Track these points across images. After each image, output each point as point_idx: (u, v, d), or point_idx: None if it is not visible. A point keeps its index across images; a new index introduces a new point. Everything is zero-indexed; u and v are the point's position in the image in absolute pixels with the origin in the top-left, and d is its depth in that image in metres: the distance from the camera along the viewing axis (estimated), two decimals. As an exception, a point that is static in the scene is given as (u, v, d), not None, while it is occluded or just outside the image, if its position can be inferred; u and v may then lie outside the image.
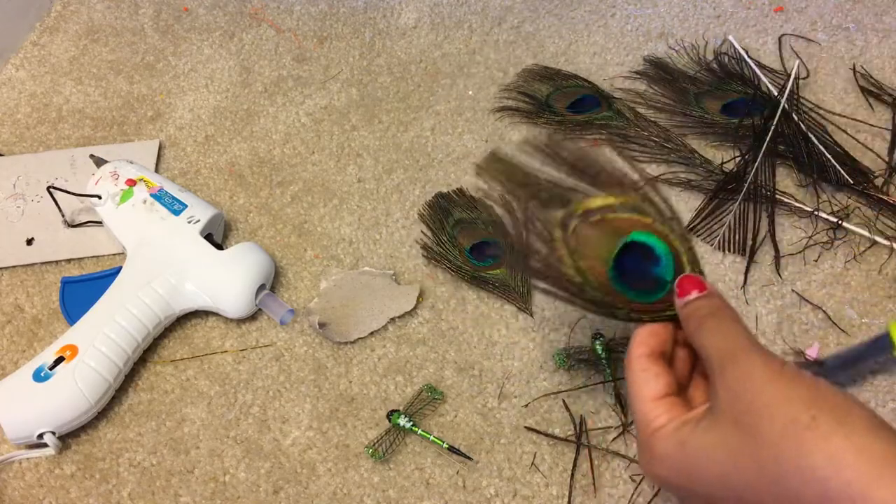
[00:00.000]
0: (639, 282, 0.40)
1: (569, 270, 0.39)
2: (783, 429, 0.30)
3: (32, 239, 0.65)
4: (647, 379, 0.37)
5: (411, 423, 0.51)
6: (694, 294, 0.38)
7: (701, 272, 0.40)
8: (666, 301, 0.39)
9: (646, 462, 0.36)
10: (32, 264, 0.64)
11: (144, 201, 0.61)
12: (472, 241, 0.60)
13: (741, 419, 0.32)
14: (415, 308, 0.58)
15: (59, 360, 0.53)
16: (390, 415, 0.52)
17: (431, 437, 0.50)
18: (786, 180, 0.61)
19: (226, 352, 0.58)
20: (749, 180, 0.59)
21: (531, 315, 0.57)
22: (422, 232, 0.62)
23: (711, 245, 0.58)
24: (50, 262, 0.63)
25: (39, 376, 0.52)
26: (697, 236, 0.59)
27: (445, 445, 0.50)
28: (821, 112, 0.64)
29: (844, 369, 0.50)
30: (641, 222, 0.40)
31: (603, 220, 0.40)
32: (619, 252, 0.40)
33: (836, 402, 0.30)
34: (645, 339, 0.39)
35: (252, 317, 0.59)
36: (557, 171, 0.42)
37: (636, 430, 0.37)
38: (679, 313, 0.38)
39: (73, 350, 0.53)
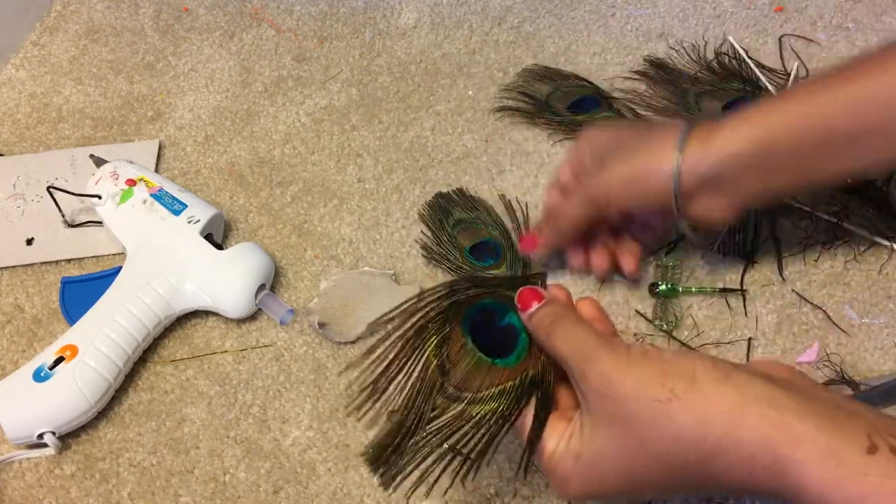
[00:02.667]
0: (497, 340, 0.41)
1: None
2: (650, 410, 0.33)
3: (32, 239, 0.65)
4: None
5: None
6: (534, 305, 0.40)
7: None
8: (526, 362, 0.40)
9: (557, 486, 0.38)
10: (32, 264, 0.64)
11: (144, 201, 0.61)
12: (472, 241, 0.60)
13: (614, 414, 0.34)
14: (415, 308, 0.58)
15: (59, 360, 0.53)
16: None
17: (431, 438, 0.50)
18: (786, 180, 0.61)
19: (226, 352, 0.58)
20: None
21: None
22: (422, 232, 0.62)
23: (711, 248, 0.58)
24: (50, 262, 0.64)
25: (39, 376, 0.52)
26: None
27: (445, 445, 0.50)
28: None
29: (881, 399, 0.50)
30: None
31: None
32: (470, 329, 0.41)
33: (683, 368, 0.33)
34: None
35: (252, 317, 0.59)
36: None
37: (536, 461, 0.39)
38: (528, 327, 0.40)
39: (73, 350, 0.53)
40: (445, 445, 0.37)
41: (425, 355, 0.39)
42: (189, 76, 0.77)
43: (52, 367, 0.53)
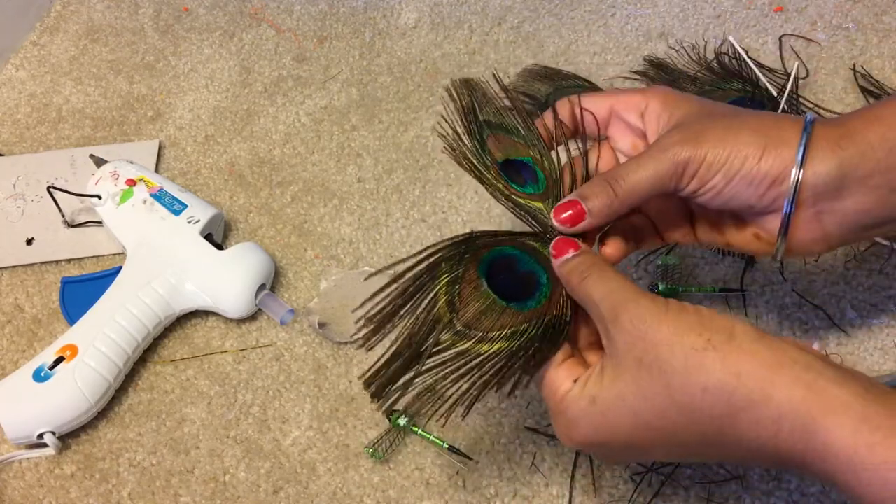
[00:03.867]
0: (516, 289, 0.40)
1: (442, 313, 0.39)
2: (685, 357, 0.32)
3: (32, 239, 0.65)
4: None
5: (411, 423, 0.51)
6: (571, 252, 0.39)
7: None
8: (542, 308, 0.40)
9: (562, 429, 0.37)
10: (32, 264, 0.64)
11: (144, 201, 0.61)
12: (504, 156, 0.45)
13: (644, 358, 0.33)
14: (415, 308, 0.58)
15: (59, 360, 0.53)
16: (390, 415, 0.52)
17: (431, 437, 0.50)
18: (786, 180, 0.61)
19: (226, 352, 0.58)
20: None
21: None
22: (442, 118, 0.45)
23: (711, 248, 0.58)
24: (50, 262, 0.63)
25: (39, 376, 0.52)
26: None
27: (445, 445, 0.50)
28: (821, 112, 0.64)
29: None
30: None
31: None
32: (488, 271, 0.40)
33: (721, 324, 0.33)
34: None
35: (252, 317, 0.59)
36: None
37: (546, 401, 0.39)
38: (558, 273, 0.40)
39: (73, 350, 0.53)
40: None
41: (435, 291, 0.39)
42: (189, 76, 0.77)
43: (52, 367, 0.53)
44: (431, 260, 0.39)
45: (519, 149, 0.46)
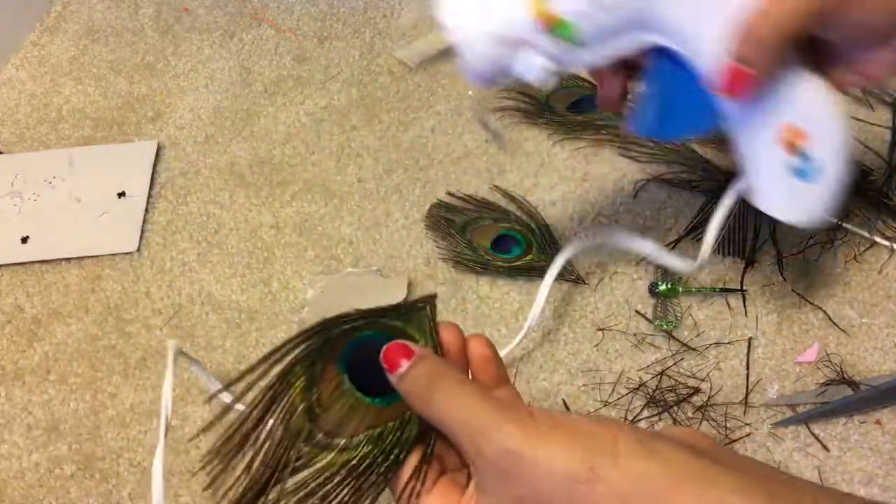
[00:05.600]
0: (376, 378, 0.35)
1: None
2: (570, 492, 0.28)
3: (27, 237, 0.65)
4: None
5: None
6: (404, 364, 0.33)
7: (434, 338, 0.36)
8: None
9: None
10: (32, 264, 0.63)
11: None
12: (490, 238, 0.61)
13: (522, 497, 0.29)
14: (415, 308, 0.58)
15: (794, 148, 0.42)
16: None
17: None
18: (786, 180, 0.61)
19: (226, 351, 0.58)
20: (749, 180, 0.59)
21: (586, 283, 0.58)
22: (436, 245, 0.62)
23: (711, 248, 0.58)
24: (49, 261, 0.63)
25: (804, 175, 0.43)
26: (697, 239, 0.59)
27: None
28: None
29: (881, 399, 0.50)
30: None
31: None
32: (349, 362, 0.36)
33: (603, 441, 0.29)
34: None
35: (253, 316, 0.59)
36: None
37: None
38: (399, 390, 0.34)
39: (800, 135, 0.42)
40: None
41: (290, 400, 0.34)
42: (189, 76, 0.77)
43: (793, 154, 0.42)
44: (282, 366, 0.34)
45: (494, 228, 0.61)
